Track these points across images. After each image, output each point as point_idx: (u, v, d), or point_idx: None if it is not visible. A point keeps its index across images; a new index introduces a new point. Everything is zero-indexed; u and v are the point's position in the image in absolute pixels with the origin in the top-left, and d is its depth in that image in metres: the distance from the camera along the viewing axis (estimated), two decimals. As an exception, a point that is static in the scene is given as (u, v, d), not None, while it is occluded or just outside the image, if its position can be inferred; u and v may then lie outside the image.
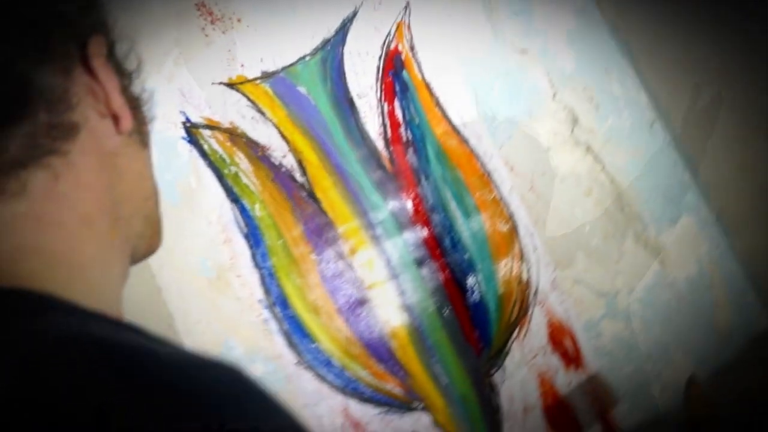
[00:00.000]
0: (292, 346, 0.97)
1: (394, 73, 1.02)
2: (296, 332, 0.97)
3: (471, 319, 0.98)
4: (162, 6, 0.98)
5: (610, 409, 0.97)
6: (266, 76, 1.00)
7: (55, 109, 0.35)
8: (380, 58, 1.02)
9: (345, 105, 1.01)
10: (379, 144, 1.00)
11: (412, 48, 1.03)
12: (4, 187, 0.34)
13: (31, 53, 0.34)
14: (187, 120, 0.98)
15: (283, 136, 0.99)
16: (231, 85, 0.99)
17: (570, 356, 0.98)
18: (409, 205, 0.99)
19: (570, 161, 1.02)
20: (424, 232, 0.99)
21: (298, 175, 0.99)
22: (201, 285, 0.97)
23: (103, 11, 0.40)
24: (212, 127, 0.98)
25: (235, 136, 0.98)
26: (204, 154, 0.98)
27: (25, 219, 0.34)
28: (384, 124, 1.01)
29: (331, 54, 1.01)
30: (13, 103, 0.34)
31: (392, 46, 1.02)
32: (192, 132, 0.98)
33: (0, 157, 0.33)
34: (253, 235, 0.98)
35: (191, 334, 0.97)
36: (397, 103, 1.01)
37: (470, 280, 0.98)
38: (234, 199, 0.98)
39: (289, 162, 0.99)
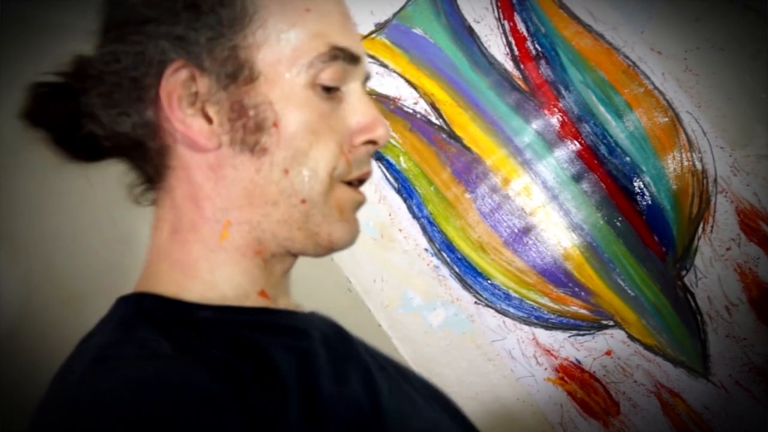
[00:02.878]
0: (468, 287, 0.97)
1: (507, -14, 0.96)
2: (468, 273, 0.97)
3: (647, 223, 0.91)
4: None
5: (831, 289, 0.87)
6: (380, 27, 0.99)
7: (146, 138, 0.41)
8: (489, -26, 0.96)
9: (464, 34, 0.97)
10: (509, 65, 0.95)
11: (520, -47, 0.96)
12: (154, 199, 0.44)
13: (122, 106, 0.41)
14: (317, 92, 1.00)
15: (411, 83, 0.98)
16: (349, 47, 1.00)
17: (770, 241, 0.88)
18: (554, 120, 0.94)
19: (727, 25, 0.90)
20: (575, 145, 0.93)
21: (433, 119, 0.98)
22: (368, 245, 1.00)
23: (184, 27, 0.39)
24: (341, 92, 1.00)
25: (364, 95, 0.99)
26: (340, 121, 1.00)
27: (159, 223, 0.43)
28: (509, 43, 0.95)
29: (437, -14, 0.98)
30: (122, 147, 0.43)
31: (499, -43, 0.96)
32: (324, 102, 1.00)
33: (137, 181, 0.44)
34: (404, 188, 0.99)
35: (369, 292, 1.01)
36: (517, 17, 0.95)
37: (637, 184, 0.91)
38: (378, 157, 0.99)
39: (422, 107, 0.98)
